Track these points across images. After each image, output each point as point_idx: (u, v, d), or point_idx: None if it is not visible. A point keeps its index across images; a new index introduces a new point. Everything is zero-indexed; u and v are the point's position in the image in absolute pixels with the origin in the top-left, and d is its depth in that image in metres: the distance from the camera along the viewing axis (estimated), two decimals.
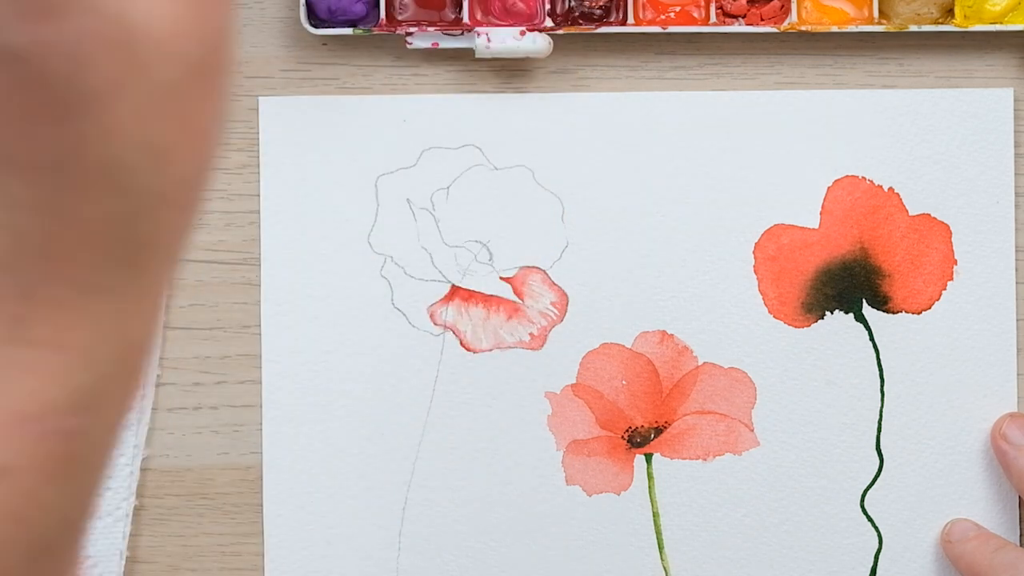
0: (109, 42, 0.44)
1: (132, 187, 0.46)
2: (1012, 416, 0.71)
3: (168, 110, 0.46)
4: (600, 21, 0.72)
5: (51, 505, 0.46)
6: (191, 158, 0.47)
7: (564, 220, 0.72)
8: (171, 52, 0.45)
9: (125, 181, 0.46)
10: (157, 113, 0.46)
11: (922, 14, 0.72)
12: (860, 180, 0.72)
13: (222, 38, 0.46)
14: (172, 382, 0.73)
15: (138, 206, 0.46)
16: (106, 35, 0.44)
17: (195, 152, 0.47)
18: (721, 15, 0.72)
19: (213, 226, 0.73)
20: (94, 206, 0.45)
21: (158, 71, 0.45)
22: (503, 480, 0.72)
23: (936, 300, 0.72)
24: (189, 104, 0.46)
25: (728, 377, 0.72)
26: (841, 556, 0.72)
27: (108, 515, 0.72)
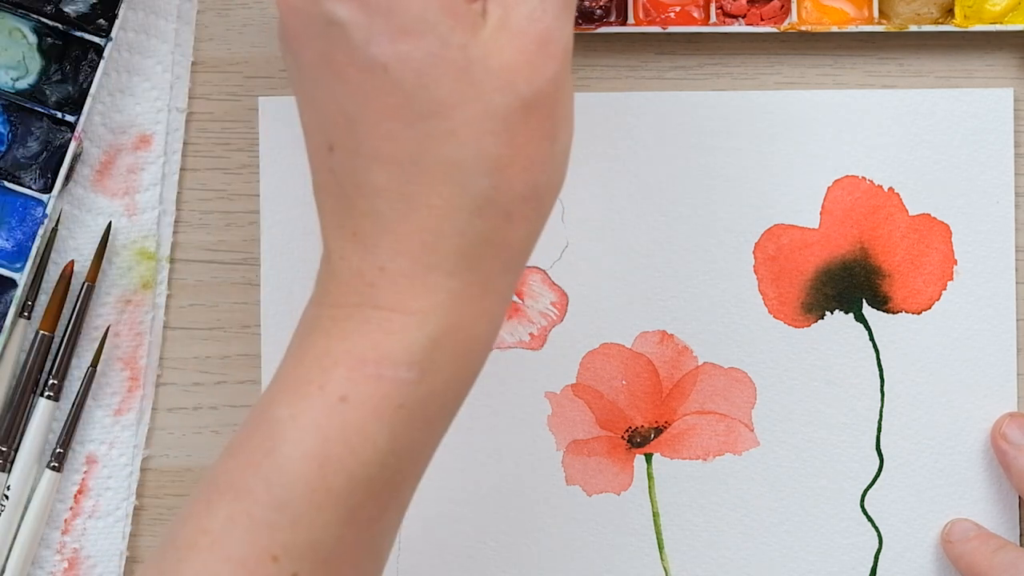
0: (452, 66, 0.55)
1: (469, 187, 0.56)
2: (1012, 416, 0.71)
3: (501, 131, 0.56)
4: (600, 21, 0.72)
5: (376, 441, 0.56)
6: (523, 177, 0.56)
7: (564, 220, 0.72)
8: (504, 85, 0.56)
9: (463, 180, 0.56)
10: (491, 131, 0.56)
11: (922, 14, 0.72)
12: (860, 180, 0.72)
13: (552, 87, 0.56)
14: (172, 382, 0.73)
15: (474, 205, 0.56)
16: (450, 60, 0.55)
17: (527, 173, 0.56)
18: (721, 15, 0.72)
19: (213, 226, 0.73)
20: (439, 198, 0.56)
21: (492, 98, 0.56)
22: (503, 480, 0.72)
23: (936, 300, 0.72)
24: (520, 132, 0.56)
25: (728, 377, 0.72)
26: (841, 556, 0.72)
27: (108, 515, 0.72)
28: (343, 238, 0.57)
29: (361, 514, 0.56)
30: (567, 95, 0.58)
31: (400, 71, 0.55)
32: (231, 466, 0.57)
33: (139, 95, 0.72)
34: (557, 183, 0.58)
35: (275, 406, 0.56)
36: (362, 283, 0.56)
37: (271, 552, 0.55)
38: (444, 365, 0.57)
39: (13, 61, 0.71)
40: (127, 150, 0.72)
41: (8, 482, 0.71)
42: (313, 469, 0.55)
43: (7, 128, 0.71)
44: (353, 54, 0.56)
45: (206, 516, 0.56)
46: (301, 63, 0.57)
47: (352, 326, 0.56)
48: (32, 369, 0.71)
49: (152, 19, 0.72)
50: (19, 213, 0.71)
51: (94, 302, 0.72)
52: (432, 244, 0.56)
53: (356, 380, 0.56)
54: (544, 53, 0.56)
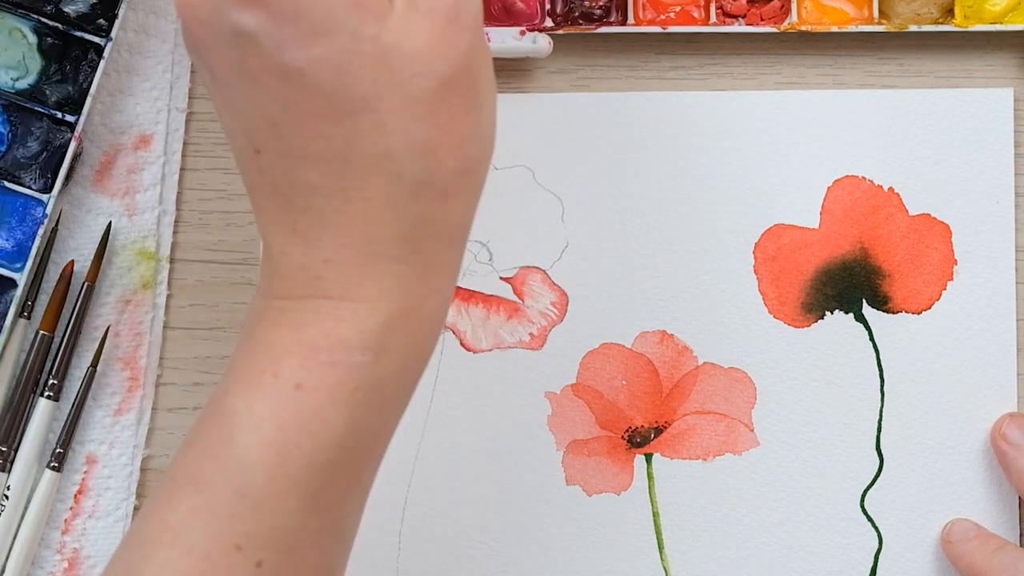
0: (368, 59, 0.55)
1: (403, 174, 0.56)
2: (1012, 416, 0.71)
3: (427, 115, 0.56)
4: (600, 21, 0.72)
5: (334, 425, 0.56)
6: (454, 154, 0.56)
7: (564, 220, 0.72)
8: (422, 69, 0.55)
9: (396, 169, 0.56)
10: (417, 116, 0.55)
11: (922, 14, 0.72)
12: (860, 180, 0.72)
13: (468, 59, 0.56)
14: (172, 382, 0.73)
15: (410, 190, 0.56)
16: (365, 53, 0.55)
17: (457, 149, 0.56)
18: (721, 15, 0.72)
19: (213, 226, 0.73)
20: (374, 189, 0.56)
21: (412, 83, 0.55)
22: (503, 480, 0.72)
23: (936, 300, 0.72)
24: (444, 110, 0.56)
25: (728, 377, 0.72)
26: (841, 556, 0.72)
27: (108, 515, 0.72)
28: (282, 235, 0.57)
29: (323, 498, 0.56)
30: (485, 63, 0.58)
31: (317, 74, 0.55)
32: (189, 460, 0.57)
33: (139, 95, 0.72)
34: (488, 151, 0.58)
35: (230, 397, 0.57)
36: (307, 276, 0.57)
37: (234, 542, 0.55)
38: (398, 346, 0.57)
39: (13, 61, 0.71)
40: (127, 150, 0.72)
41: (8, 482, 0.71)
42: (271, 457, 0.55)
43: (7, 128, 0.71)
44: (266, 62, 0.55)
45: (167, 510, 0.56)
46: (214, 72, 0.57)
47: (302, 316, 0.56)
48: (32, 369, 0.71)
49: (152, 19, 0.72)
50: (19, 213, 0.71)
51: (94, 302, 0.72)
52: (373, 233, 0.56)
53: (310, 368, 0.56)
54: (455, 27, 0.56)
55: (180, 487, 0.56)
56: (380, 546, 0.72)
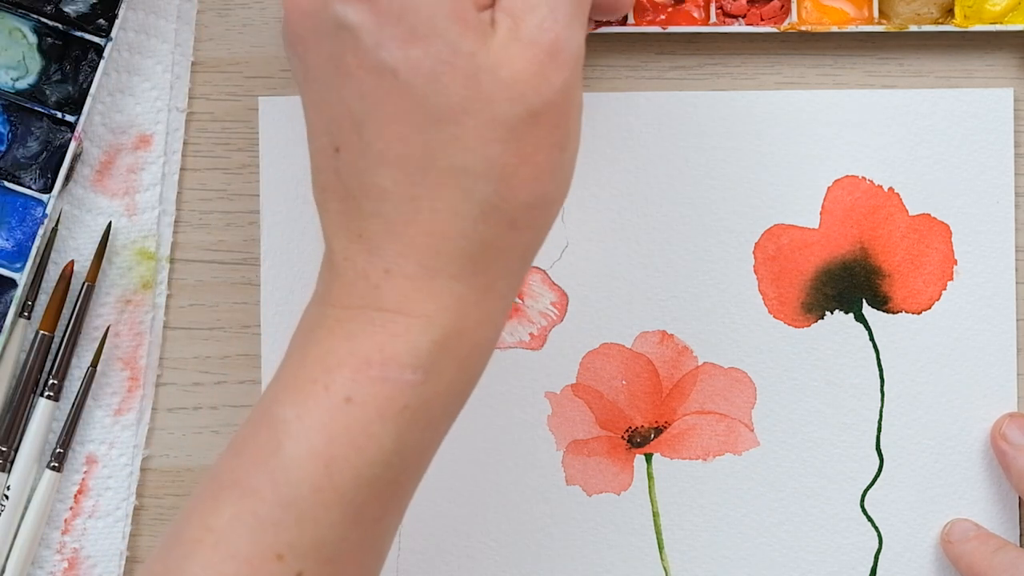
0: (461, 72, 0.55)
1: (475, 193, 0.56)
2: (1012, 416, 0.71)
3: (509, 140, 0.56)
4: (600, 22, 0.72)
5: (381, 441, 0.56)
6: (529, 185, 0.56)
7: (564, 220, 0.72)
8: (513, 95, 0.56)
9: (469, 186, 0.56)
10: (499, 139, 0.56)
11: (922, 14, 0.72)
12: (860, 180, 0.72)
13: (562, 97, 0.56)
14: (172, 382, 0.73)
15: (479, 211, 0.56)
16: (459, 67, 0.55)
17: (533, 182, 0.56)
18: (721, 15, 0.72)
19: (213, 226, 0.73)
20: (444, 203, 0.56)
21: (500, 106, 0.56)
22: (503, 480, 0.72)
23: (936, 300, 0.72)
24: (528, 141, 0.56)
25: (728, 377, 0.72)
26: (841, 556, 0.72)
27: (108, 515, 0.72)
28: (348, 239, 0.57)
29: (366, 513, 0.56)
30: (576, 104, 0.58)
31: (410, 75, 0.55)
32: (236, 464, 0.57)
33: (139, 95, 0.72)
34: (563, 192, 0.58)
35: (279, 405, 0.57)
36: (367, 285, 0.57)
37: (276, 550, 0.55)
38: (448, 368, 0.57)
39: (13, 61, 0.71)
40: (127, 150, 0.72)
41: (8, 482, 0.71)
42: (319, 468, 0.55)
43: (7, 128, 0.71)
44: (363, 57, 0.56)
45: (211, 513, 0.56)
46: (308, 65, 0.57)
47: (356, 327, 0.56)
48: (32, 369, 0.71)
49: (152, 19, 0.72)
50: (19, 213, 0.71)
51: (94, 302, 0.72)
52: (437, 248, 0.56)
53: (361, 381, 0.56)
54: (554, 63, 0.56)
55: (225, 491, 0.56)
56: None
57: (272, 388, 0.58)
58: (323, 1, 0.57)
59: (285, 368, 0.58)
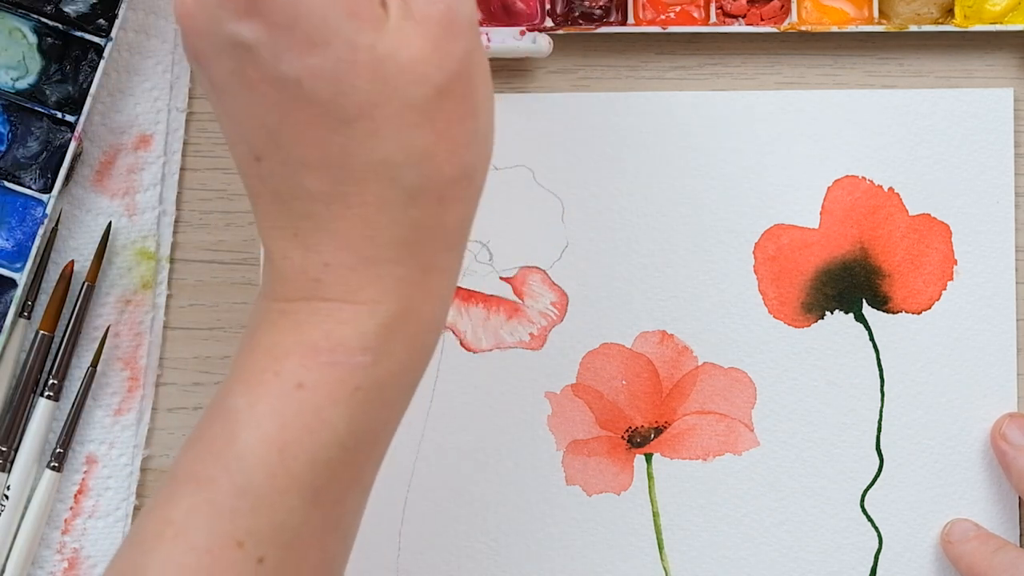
0: (364, 68, 0.55)
1: (400, 180, 0.56)
2: (1012, 416, 0.71)
3: (423, 122, 0.56)
4: (600, 21, 0.72)
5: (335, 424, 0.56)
6: (450, 161, 0.57)
7: (564, 220, 0.72)
8: (417, 77, 0.56)
9: (392, 174, 0.56)
10: (413, 124, 0.56)
11: (922, 14, 0.72)
12: (860, 180, 0.72)
13: (464, 65, 0.56)
14: (172, 382, 0.73)
15: (407, 195, 0.56)
16: (361, 63, 0.55)
17: (453, 156, 0.57)
18: (721, 15, 0.72)
19: (213, 226, 0.73)
20: (370, 195, 0.56)
21: (407, 91, 0.56)
22: (503, 480, 0.72)
23: (936, 300, 0.72)
24: (440, 117, 0.56)
25: (728, 377, 0.72)
26: (841, 556, 0.72)
27: (108, 515, 0.72)
28: (283, 239, 0.57)
29: (324, 496, 0.56)
30: (482, 69, 0.58)
31: (314, 83, 0.55)
32: (191, 457, 0.57)
33: (139, 95, 0.72)
34: (486, 157, 0.58)
35: (231, 396, 0.57)
36: (307, 279, 0.57)
37: (235, 538, 0.55)
38: (397, 348, 0.57)
39: (13, 61, 0.71)
40: (127, 150, 0.72)
41: (8, 482, 0.71)
42: (273, 454, 0.56)
43: (7, 128, 0.71)
44: (264, 72, 0.56)
45: (169, 506, 0.56)
46: (213, 80, 0.57)
47: (302, 318, 0.57)
48: (32, 369, 0.71)
49: (152, 19, 0.72)
50: (19, 213, 0.71)
51: (94, 302, 0.72)
52: (372, 237, 0.56)
53: (310, 367, 0.56)
54: (450, 34, 0.56)
55: (181, 484, 0.57)
56: (380, 546, 0.72)
57: (224, 382, 0.58)
58: (215, 20, 0.56)
59: (236, 361, 0.58)
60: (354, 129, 0.56)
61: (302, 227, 0.57)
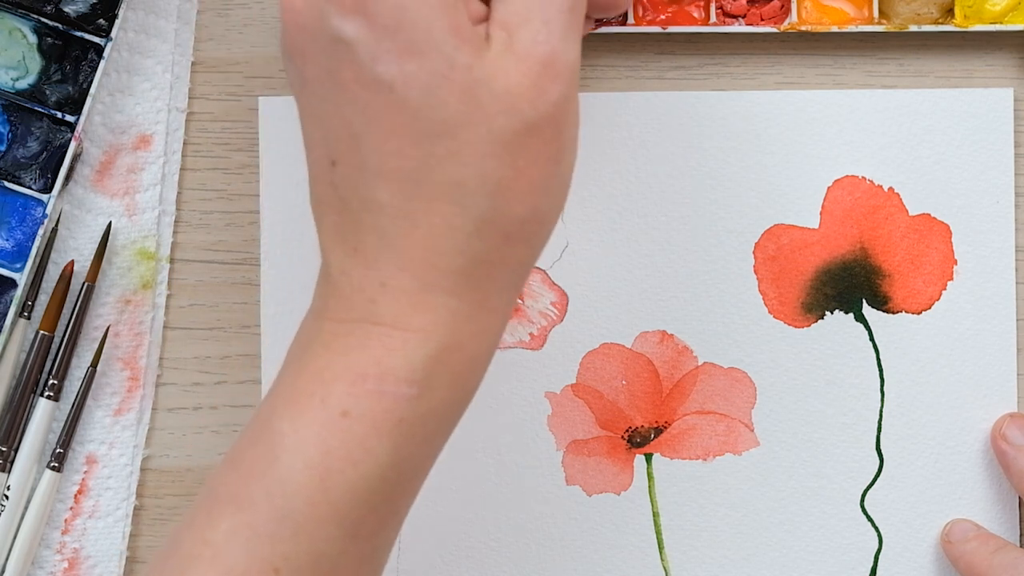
0: (457, 86, 0.55)
1: (470, 207, 0.56)
2: (1012, 416, 0.71)
3: (504, 154, 0.55)
4: (600, 21, 0.72)
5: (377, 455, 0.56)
6: (524, 200, 0.56)
7: (564, 220, 0.72)
8: (508, 108, 0.55)
9: (464, 200, 0.56)
10: (494, 154, 0.55)
11: (922, 14, 0.72)
12: (860, 180, 0.72)
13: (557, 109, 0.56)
14: (172, 382, 0.73)
15: (474, 226, 0.56)
16: (455, 80, 0.55)
17: (528, 195, 0.56)
18: (721, 15, 0.72)
19: (213, 226, 0.73)
20: (438, 217, 0.56)
21: (495, 120, 0.55)
22: (503, 480, 0.72)
23: (936, 300, 0.72)
24: (523, 154, 0.56)
25: (728, 377, 0.72)
26: (841, 556, 0.72)
27: (108, 515, 0.72)
28: (344, 252, 0.57)
29: (362, 528, 0.56)
30: (572, 117, 0.58)
31: (406, 90, 0.55)
32: (233, 477, 0.57)
33: (139, 95, 0.72)
34: (559, 205, 0.58)
35: (276, 418, 0.56)
36: (363, 298, 0.57)
37: (272, 564, 0.55)
38: (444, 382, 0.57)
39: (13, 61, 0.71)
40: (127, 150, 0.72)
41: (8, 482, 0.71)
42: (315, 481, 0.55)
43: (7, 128, 0.71)
44: (359, 72, 0.56)
45: (207, 527, 0.56)
46: (305, 78, 0.57)
47: (353, 341, 0.56)
48: (32, 369, 0.71)
49: (152, 19, 0.72)
50: (19, 213, 0.71)
51: (94, 302, 0.72)
52: (432, 262, 0.56)
53: (357, 395, 0.56)
54: (549, 75, 0.56)
55: (221, 504, 0.56)
56: None
57: (269, 401, 0.58)
58: (320, 15, 0.56)
59: (282, 381, 0.58)
60: (436, 145, 0.55)
61: (365, 242, 0.57)
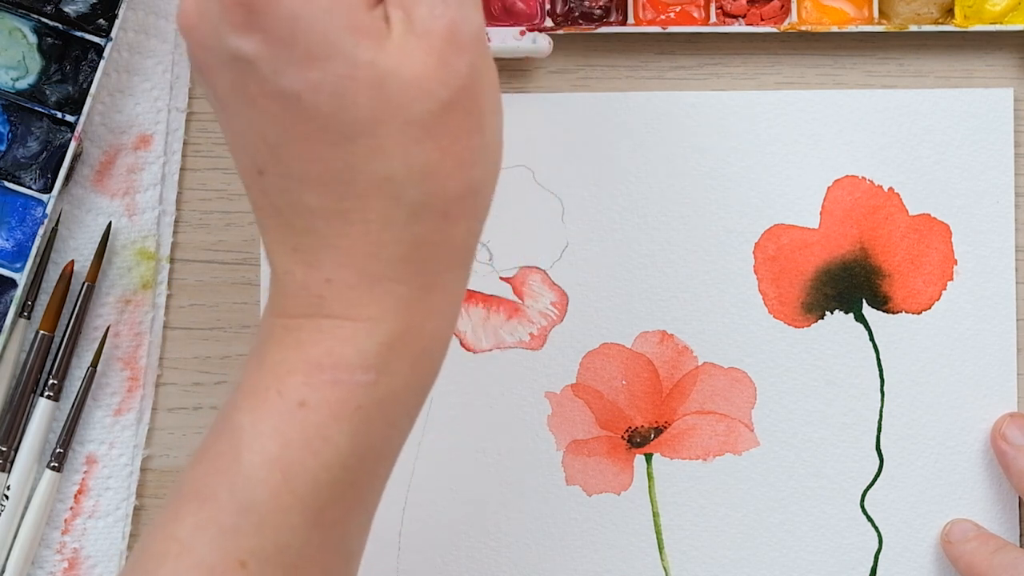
0: (365, 84, 0.54)
1: (403, 197, 0.55)
2: (1012, 416, 0.71)
3: (426, 138, 0.55)
4: (600, 21, 0.72)
5: (337, 443, 0.56)
6: (455, 177, 0.56)
7: (564, 220, 0.72)
8: (420, 92, 0.55)
9: (396, 192, 0.55)
10: (416, 140, 0.55)
11: (922, 14, 0.72)
12: (860, 180, 0.72)
13: (469, 80, 0.55)
14: (172, 382, 0.73)
15: (411, 212, 0.55)
16: (362, 78, 0.54)
17: (458, 172, 0.56)
18: (721, 15, 0.72)
19: (213, 226, 0.73)
20: (373, 213, 0.55)
21: (410, 108, 0.55)
22: (503, 480, 0.72)
23: (936, 300, 0.72)
24: (444, 133, 0.55)
25: (728, 377, 0.72)
26: (841, 556, 0.72)
27: (108, 515, 0.72)
28: (285, 254, 0.57)
29: (327, 516, 0.56)
30: (488, 83, 0.57)
31: (314, 98, 0.55)
32: (196, 473, 0.57)
33: (139, 95, 0.72)
34: (493, 172, 0.57)
35: (236, 412, 0.57)
36: (309, 295, 0.56)
37: (238, 558, 0.55)
38: (400, 366, 0.57)
39: (13, 61, 0.71)
40: (127, 150, 0.72)
41: (8, 482, 0.71)
42: (275, 474, 0.55)
43: (7, 128, 0.71)
44: (263, 86, 0.55)
45: (174, 523, 0.56)
46: (216, 93, 0.57)
47: (305, 335, 0.56)
48: (32, 369, 0.71)
49: (152, 19, 0.72)
50: (19, 213, 0.71)
51: (94, 302, 0.72)
52: (374, 254, 0.56)
53: (313, 385, 0.56)
54: (453, 49, 0.55)
55: (187, 501, 0.56)
56: (380, 546, 0.72)
57: (231, 398, 0.58)
58: (216, 34, 0.55)
59: (243, 376, 0.58)
60: (356, 145, 0.55)
61: (303, 243, 0.56)
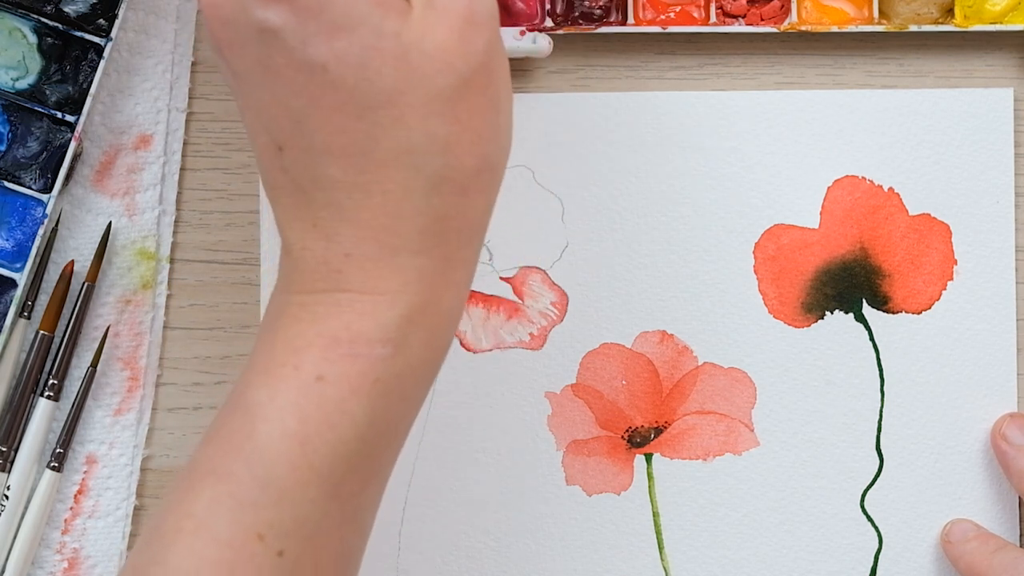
0: (389, 55, 0.56)
1: (423, 168, 0.57)
2: (1012, 416, 0.71)
3: (446, 111, 0.57)
4: (600, 21, 0.72)
5: (355, 416, 0.56)
6: (473, 151, 0.57)
7: (564, 220, 0.72)
8: (442, 66, 0.57)
9: (416, 163, 0.56)
10: (437, 112, 0.56)
11: (922, 14, 0.72)
12: (860, 180, 0.72)
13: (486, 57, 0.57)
14: (172, 382, 0.73)
15: (430, 185, 0.57)
16: (386, 49, 0.56)
17: (476, 146, 0.57)
18: (721, 15, 0.72)
19: (213, 226, 0.73)
20: (393, 183, 0.57)
21: (432, 80, 0.56)
22: (503, 480, 0.72)
23: (936, 300, 0.72)
24: (464, 107, 0.57)
25: (728, 377, 0.72)
26: (841, 556, 0.72)
27: (108, 515, 0.72)
28: (303, 230, 0.58)
29: (344, 489, 0.57)
30: (502, 63, 0.59)
31: (340, 68, 0.56)
32: (211, 452, 0.57)
33: (139, 95, 0.72)
34: (506, 148, 0.59)
35: (251, 389, 0.57)
36: (328, 270, 0.57)
37: (256, 531, 0.56)
38: (417, 339, 0.57)
39: (13, 61, 0.71)
40: (127, 150, 0.72)
41: (8, 482, 0.71)
42: (294, 447, 0.56)
43: (7, 128, 0.71)
44: (290, 57, 0.56)
45: (189, 500, 0.56)
46: (238, 70, 0.58)
47: (322, 310, 0.57)
48: (32, 369, 0.71)
49: (152, 19, 0.72)
50: (19, 213, 0.71)
51: (94, 302, 0.72)
52: (393, 227, 0.57)
53: (331, 359, 0.56)
54: (472, 27, 0.57)
55: (202, 478, 0.57)
56: (380, 546, 0.72)
57: (243, 377, 0.58)
58: (242, 7, 0.57)
59: (255, 355, 0.58)
60: (379, 116, 0.56)
61: (323, 217, 0.57)
